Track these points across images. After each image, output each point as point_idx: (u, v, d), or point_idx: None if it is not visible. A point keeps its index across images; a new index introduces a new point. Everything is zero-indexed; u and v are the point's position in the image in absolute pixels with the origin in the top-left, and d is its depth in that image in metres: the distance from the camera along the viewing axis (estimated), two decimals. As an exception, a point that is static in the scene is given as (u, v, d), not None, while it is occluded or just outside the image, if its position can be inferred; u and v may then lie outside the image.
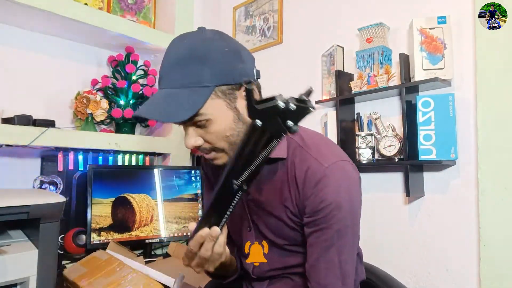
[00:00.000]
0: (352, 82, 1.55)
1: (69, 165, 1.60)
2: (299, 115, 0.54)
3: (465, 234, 1.30)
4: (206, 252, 0.72)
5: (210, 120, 0.76)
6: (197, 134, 0.79)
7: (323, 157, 0.80)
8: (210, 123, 0.76)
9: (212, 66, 0.74)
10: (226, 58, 0.76)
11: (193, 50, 0.75)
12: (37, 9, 1.40)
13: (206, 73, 0.74)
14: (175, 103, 0.74)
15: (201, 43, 0.76)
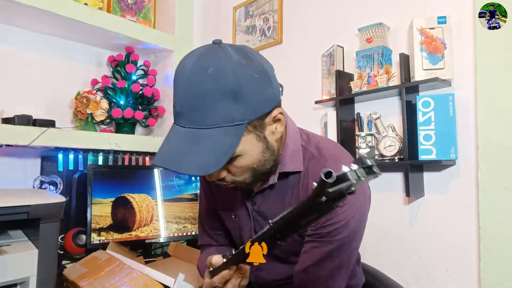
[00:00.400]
0: (352, 82, 1.55)
1: (69, 165, 1.60)
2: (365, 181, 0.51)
3: (465, 234, 1.30)
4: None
5: (240, 155, 0.70)
6: (224, 166, 0.70)
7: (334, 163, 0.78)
8: (239, 157, 0.70)
9: (246, 102, 0.66)
10: (258, 87, 0.68)
11: (222, 83, 0.65)
12: (37, 9, 1.40)
13: (239, 110, 0.66)
14: (205, 149, 0.65)
15: (231, 73, 0.65)
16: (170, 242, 1.68)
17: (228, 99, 0.65)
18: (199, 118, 0.66)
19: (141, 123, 1.87)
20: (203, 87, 0.65)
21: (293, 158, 0.80)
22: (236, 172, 0.73)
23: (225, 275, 0.67)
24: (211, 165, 0.65)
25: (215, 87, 0.65)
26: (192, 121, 0.67)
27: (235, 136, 0.67)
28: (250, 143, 0.70)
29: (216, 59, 0.67)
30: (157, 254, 1.72)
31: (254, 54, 0.72)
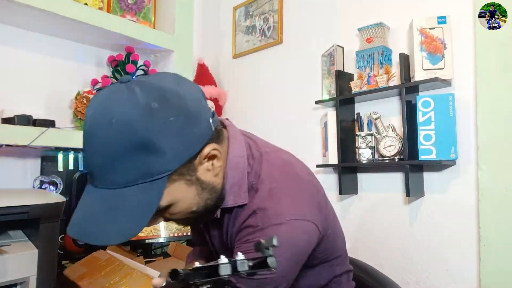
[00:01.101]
0: (352, 82, 1.55)
1: (69, 165, 1.60)
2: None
3: (465, 234, 1.30)
4: None
5: (171, 204, 0.63)
6: (157, 216, 0.64)
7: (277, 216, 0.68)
8: (171, 206, 0.63)
9: (163, 152, 0.56)
10: (177, 132, 0.58)
11: (128, 136, 0.55)
12: (37, 9, 1.40)
13: (155, 163, 0.57)
14: (122, 212, 0.57)
15: (139, 122, 0.55)
16: (170, 242, 1.68)
17: (139, 153, 0.55)
18: (110, 178, 0.57)
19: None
20: (108, 143, 0.55)
21: (236, 190, 0.72)
22: (173, 217, 0.67)
23: None
24: (130, 229, 0.57)
25: (122, 141, 0.55)
26: (103, 181, 0.58)
27: (156, 192, 0.58)
28: (179, 191, 0.62)
29: (120, 106, 0.56)
30: (157, 254, 1.72)
31: (175, 90, 0.60)
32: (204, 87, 2.10)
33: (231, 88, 2.22)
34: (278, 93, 1.94)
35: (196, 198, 0.66)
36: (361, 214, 1.58)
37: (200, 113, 0.63)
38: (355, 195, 1.60)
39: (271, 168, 0.74)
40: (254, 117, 2.01)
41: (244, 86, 2.13)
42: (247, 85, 2.12)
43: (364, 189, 1.58)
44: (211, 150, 0.65)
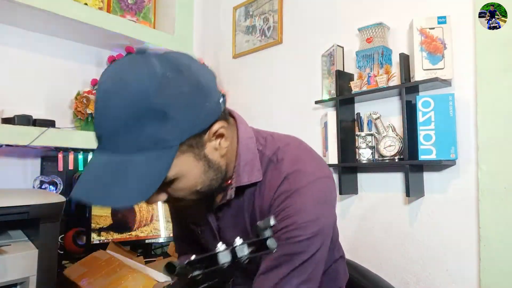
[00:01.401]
0: (352, 82, 1.55)
1: (69, 165, 1.60)
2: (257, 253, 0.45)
3: (465, 234, 1.30)
4: None
5: (177, 178, 0.63)
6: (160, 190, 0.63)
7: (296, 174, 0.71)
8: (176, 180, 0.63)
9: (175, 121, 0.58)
10: (190, 103, 0.59)
11: (144, 102, 0.56)
12: (37, 9, 1.40)
13: (167, 131, 0.58)
14: (130, 178, 0.57)
15: (154, 89, 0.56)
16: (170, 242, 1.68)
17: (153, 120, 0.56)
18: (121, 143, 0.57)
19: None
20: (123, 108, 0.56)
21: (249, 169, 0.74)
22: (178, 195, 0.66)
23: None
24: (137, 195, 0.57)
25: (136, 108, 0.56)
26: (114, 146, 0.58)
27: (166, 160, 0.58)
28: (186, 164, 0.62)
29: (137, 73, 0.57)
30: (157, 254, 1.72)
31: (188, 64, 0.62)
32: (204, 87, 2.09)
33: (231, 88, 2.22)
34: (278, 93, 1.94)
35: (202, 176, 0.66)
36: (361, 214, 1.57)
37: (211, 90, 0.64)
38: (355, 195, 1.60)
39: (286, 140, 0.79)
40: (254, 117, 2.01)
41: (244, 86, 2.13)
42: (247, 85, 2.11)
43: (364, 189, 1.58)
44: (219, 127, 0.66)
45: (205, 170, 0.66)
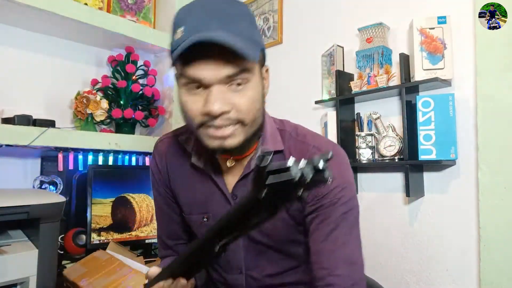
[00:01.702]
0: (352, 82, 1.55)
1: (69, 165, 1.60)
2: (312, 185, 0.44)
3: (465, 234, 1.30)
4: None
5: (250, 82, 0.68)
6: (226, 97, 0.66)
7: (321, 143, 0.78)
8: (248, 86, 0.67)
9: (258, 31, 0.72)
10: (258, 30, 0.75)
11: (244, 7, 0.70)
12: (37, 9, 1.40)
13: (256, 33, 0.70)
14: (241, 42, 0.63)
15: (246, 6, 0.72)
16: (170, 242, 1.67)
17: (249, 20, 0.69)
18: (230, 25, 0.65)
19: (141, 123, 1.87)
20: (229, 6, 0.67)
21: (273, 140, 0.78)
22: (242, 104, 0.67)
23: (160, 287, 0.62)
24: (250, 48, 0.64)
25: (241, 8, 0.68)
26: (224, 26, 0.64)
27: (256, 49, 0.67)
28: (257, 73, 0.70)
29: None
30: (157, 254, 1.72)
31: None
32: (204, 87, 2.09)
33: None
34: (278, 93, 1.94)
35: (260, 96, 0.72)
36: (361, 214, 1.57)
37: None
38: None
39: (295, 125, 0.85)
40: (254, 117, 2.01)
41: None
42: (247, 85, 2.11)
43: (364, 189, 1.58)
44: (266, 71, 0.77)
45: (260, 95, 0.72)
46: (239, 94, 0.67)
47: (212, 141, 0.69)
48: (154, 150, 0.89)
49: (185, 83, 0.68)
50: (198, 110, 0.67)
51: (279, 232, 0.79)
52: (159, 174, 0.87)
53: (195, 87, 0.67)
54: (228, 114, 0.67)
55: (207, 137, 0.70)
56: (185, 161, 0.83)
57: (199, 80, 0.66)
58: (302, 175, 0.42)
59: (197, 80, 0.66)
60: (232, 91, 0.67)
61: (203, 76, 0.65)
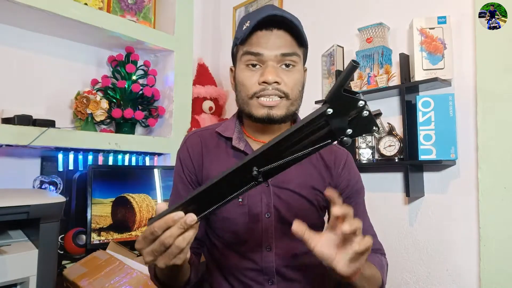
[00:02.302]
0: (352, 82, 1.55)
1: (69, 165, 1.60)
2: (360, 129, 0.51)
3: (465, 234, 1.30)
4: (168, 239, 0.58)
5: (298, 65, 0.84)
6: (279, 73, 0.82)
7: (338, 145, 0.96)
8: (295, 67, 0.84)
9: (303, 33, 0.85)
10: None
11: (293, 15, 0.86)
12: (37, 9, 1.40)
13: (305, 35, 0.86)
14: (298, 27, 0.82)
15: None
16: (170, 242, 1.67)
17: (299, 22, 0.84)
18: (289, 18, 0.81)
19: (141, 123, 1.87)
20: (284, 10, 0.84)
21: None
22: (288, 81, 0.83)
23: (169, 220, 0.58)
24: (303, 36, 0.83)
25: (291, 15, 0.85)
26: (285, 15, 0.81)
27: (305, 41, 0.85)
28: (301, 63, 0.87)
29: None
30: (157, 254, 1.72)
31: None
32: (204, 87, 2.10)
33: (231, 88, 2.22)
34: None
35: (301, 80, 0.87)
36: (361, 214, 1.58)
37: None
38: (355, 195, 1.60)
39: None
40: (254, 117, 2.01)
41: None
42: (247, 85, 2.11)
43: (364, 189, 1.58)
44: (304, 71, 0.91)
45: (301, 80, 0.87)
46: (288, 73, 0.83)
47: (260, 109, 0.83)
48: (186, 140, 0.97)
49: (247, 60, 0.84)
50: (254, 80, 0.83)
51: (305, 214, 0.88)
52: (190, 161, 0.93)
53: (254, 62, 0.83)
54: (278, 85, 0.82)
55: (257, 105, 0.84)
56: (221, 146, 0.93)
57: (260, 55, 0.82)
58: (365, 105, 0.49)
59: (258, 55, 0.82)
60: (282, 70, 0.83)
61: (263, 51, 0.81)
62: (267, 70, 0.81)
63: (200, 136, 0.96)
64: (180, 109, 1.90)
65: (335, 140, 0.52)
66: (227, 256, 0.89)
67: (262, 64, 0.83)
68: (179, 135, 1.88)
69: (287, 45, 0.82)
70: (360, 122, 0.50)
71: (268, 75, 0.81)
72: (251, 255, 0.87)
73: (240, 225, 0.87)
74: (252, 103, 0.84)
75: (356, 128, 0.51)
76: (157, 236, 0.58)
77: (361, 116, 0.50)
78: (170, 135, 1.88)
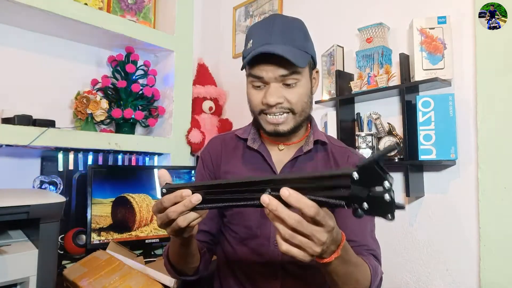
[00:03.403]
0: (352, 82, 1.55)
1: (69, 165, 1.60)
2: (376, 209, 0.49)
3: (465, 234, 1.30)
4: (172, 213, 0.65)
5: (300, 81, 0.88)
6: (280, 92, 0.87)
7: (354, 151, 0.98)
8: (298, 84, 0.88)
9: (310, 43, 0.92)
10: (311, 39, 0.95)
11: (300, 25, 0.90)
12: (37, 9, 1.40)
13: (308, 45, 0.90)
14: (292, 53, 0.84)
15: (302, 24, 0.92)
16: (170, 242, 1.67)
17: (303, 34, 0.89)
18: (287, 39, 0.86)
19: (141, 123, 1.87)
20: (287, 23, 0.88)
21: (321, 134, 0.98)
22: (292, 98, 0.87)
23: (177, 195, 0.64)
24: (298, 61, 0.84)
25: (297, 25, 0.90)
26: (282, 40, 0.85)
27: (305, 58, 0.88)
28: (306, 75, 0.90)
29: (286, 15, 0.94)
30: (157, 254, 1.72)
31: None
32: (204, 87, 2.10)
33: (231, 88, 2.22)
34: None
35: (307, 92, 0.91)
36: (361, 214, 1.57)
37: None
38: (355, 195, 1.60)
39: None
40: (254, 117, 2.01)
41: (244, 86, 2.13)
42: (247, 85, 2.11)
43: None
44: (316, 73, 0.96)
45: (309, 90, 0.91)
46: (291, 91, 0.87)
47: (268, 126, 0.91)
48: (209, 143, 1.08)
49: (251, 80, 0.90)
50: (259, 101, 0.89)
51: None
52: (210, 161, 1.04)
53: (258, 84, 0.89)
54: (281, 105, 0.87)
55: (265, 122, 0.91)
56: (239, 147, 1.02)
57: (261, 78, 0.87)
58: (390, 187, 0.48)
59: (260, 78, 0.87)
60: (285, 88, 0.87)
61: (263, 75, 0.87)
62: (268, 92, 0.87)
63: (221, 139, 1.06)
64: (180, 109, 1.90)
65: (349, 205, 0.50)
66: (237, 250, 0.96)
67: (265, 84, 0.88)
68: (179, 135, 1.88)
69: (285, 66, 0.85)
70: (379, 202, 0.48)
71: (269, 98, 0.86)
72: (259, 250, 0.93)
73: (253, 220, 0.94)
74: (260, 118, 0.92)
75: (374, 206, 0.48)
76: (165, 208, 0.66)
77: (383, 198, 0.48)
78: (170, 135, 1.88)
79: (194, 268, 0.91)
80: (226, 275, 0.99)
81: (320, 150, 0.97)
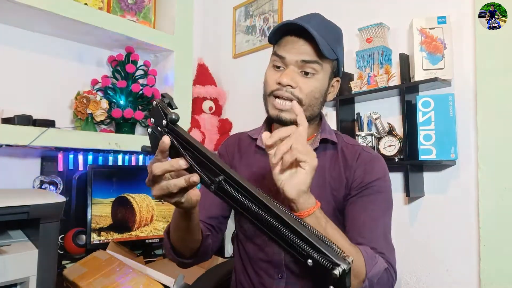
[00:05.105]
0: (352, 82, 1.55)
1: (69, 165, 1.60)
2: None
3: (465, 234, 1.30)
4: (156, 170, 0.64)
5: (318, 74, 0.88)
6: (296, 77, 0.87)
7: (368, 149, 0.96)
8: (315, 76, 0.88)
9: (341, 48, 0.94)
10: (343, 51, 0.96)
11: (338, 30, 0.95)
12: (37, 9, 1.40)
13: (338, 49, 0.91)
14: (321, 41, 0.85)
15: (340, 31, 0.96)
16: (170, 242, 1.67)
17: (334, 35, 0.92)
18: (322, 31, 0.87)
19: (141, 123, 1.87)
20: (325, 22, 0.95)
21: (330, 133, 0.97)
22: (304, 88, 0.87)
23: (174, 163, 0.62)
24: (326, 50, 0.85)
25: (333, 27, 0.94)
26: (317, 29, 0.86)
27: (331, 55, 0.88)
28: (325, 74, 0.90)
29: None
30: (157, 254, 1.72)
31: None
32: (204, 87, 2.10)
33: (231, 88, 2.22)
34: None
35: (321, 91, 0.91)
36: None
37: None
38: (355, 195, 1.60)
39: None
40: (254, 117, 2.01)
41: (244, 86, 2.13)
42: (247, 85, 2.11)
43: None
44: (338, 80, 0.97)
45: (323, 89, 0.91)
46: (306, 80, 0.88)
47: (273, 110, 0.90)
48: (227, 140, 1.12)
49: (273, 60, 0.91)
50: (274, 81, 0.89)
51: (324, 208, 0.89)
52: (226, 157, 1.07)
53: (278, 64, 0.89)
54: (292, 89, 0.87)
55: (271, 106, 0.90)
56: (251, 146, 1.04)
57: (283, 58, 0.88)
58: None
59: (282, 58, 0.88)
60: (301, 76, 0.88)
61: (286, 55, 0.87)
62: (284, 72, 0.87)
63: (238, 138, 1.09)
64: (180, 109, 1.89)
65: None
66: (247, 247, 0.98)
67: (285, 67, 0.88)
68: (179, 135, 1.88)
69: (309, 53, 0.86)
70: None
71: (284, 77, 0.86)
72: (265, 248, 0.94)
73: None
74: (269, 100, 0.91)
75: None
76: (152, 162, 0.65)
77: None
78: (170, 135, 1.87)
79: (192, 249, 0.90)
80: (239, 270, 1.02)
81: (329, 149, 0.97)
